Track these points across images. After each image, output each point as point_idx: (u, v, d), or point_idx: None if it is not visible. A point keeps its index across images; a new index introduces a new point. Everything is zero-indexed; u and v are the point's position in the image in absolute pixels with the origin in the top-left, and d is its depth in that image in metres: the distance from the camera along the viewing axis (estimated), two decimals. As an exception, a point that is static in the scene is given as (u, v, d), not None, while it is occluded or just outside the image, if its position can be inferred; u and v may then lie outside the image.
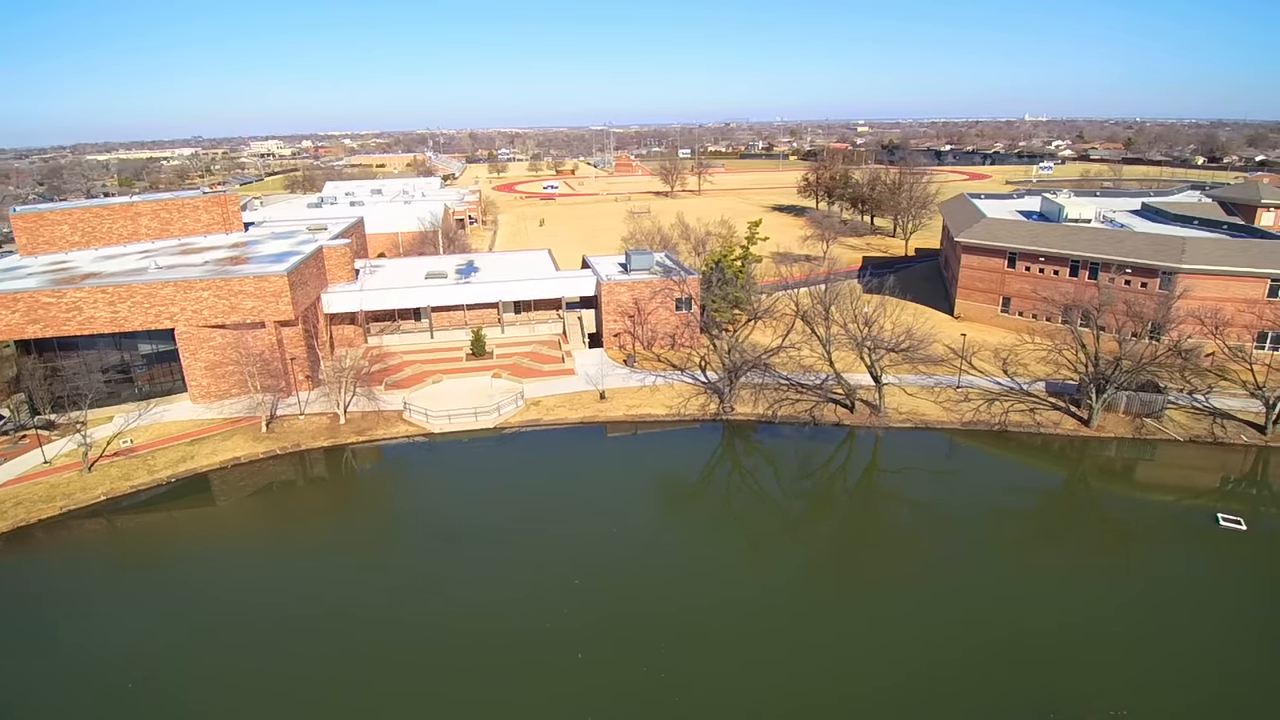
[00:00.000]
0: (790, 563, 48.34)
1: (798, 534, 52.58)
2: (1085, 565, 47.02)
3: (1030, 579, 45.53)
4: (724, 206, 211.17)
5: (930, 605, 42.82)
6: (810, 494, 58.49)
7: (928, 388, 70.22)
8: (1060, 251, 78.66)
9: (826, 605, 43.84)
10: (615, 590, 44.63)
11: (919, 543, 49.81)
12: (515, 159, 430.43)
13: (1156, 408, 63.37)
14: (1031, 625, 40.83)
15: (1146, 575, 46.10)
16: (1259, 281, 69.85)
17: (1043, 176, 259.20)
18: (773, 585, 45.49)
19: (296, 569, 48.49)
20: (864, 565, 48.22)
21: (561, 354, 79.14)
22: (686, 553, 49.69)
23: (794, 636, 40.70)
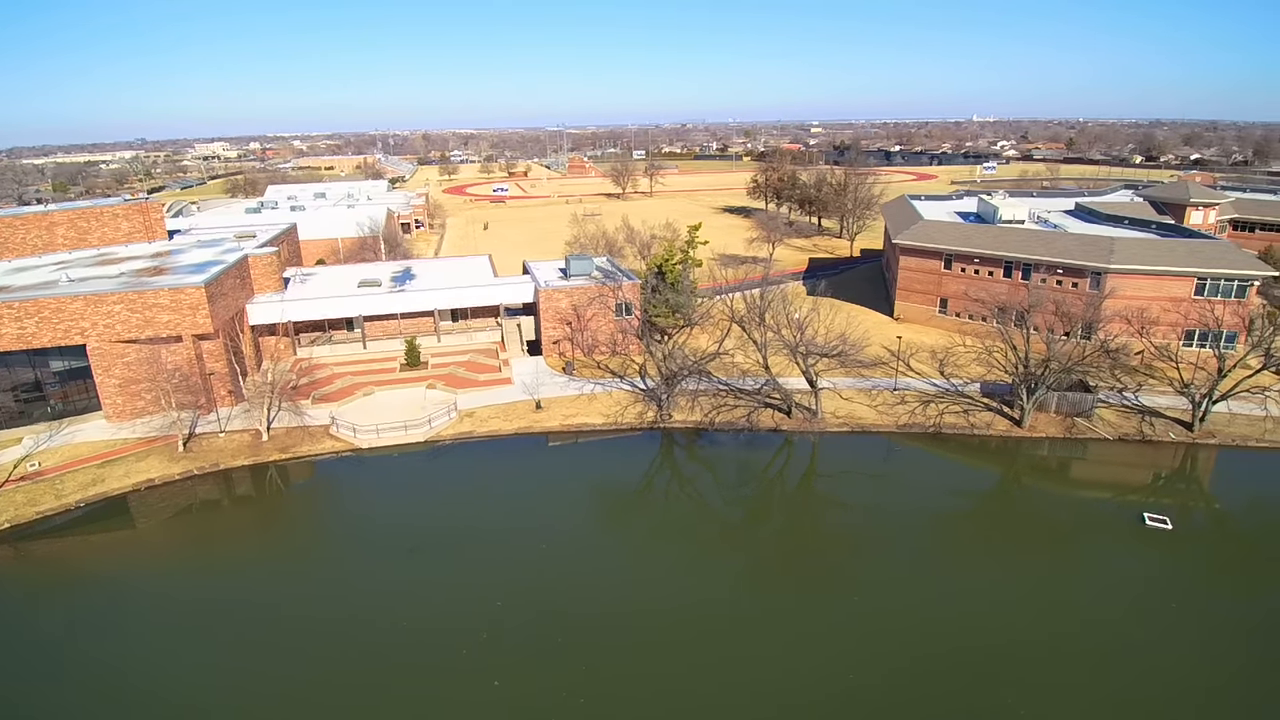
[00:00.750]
0: (730, 570, 47.65)
1: (737, 541, 51.83)
2: (1015, 567, 47.13)
3: (964, 584, 45.24)
4: (675, 208, 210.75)
5: (869, 612, 42.67)
6: (749, 500, 57.84)
7: (865, 391, 70.12)
8: (993, 253, 79.42)
9: (766, 613, 43.21)
10: (542, 605, 43.23)
11: (857, 548, 49.52)
12: (468, 161, 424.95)
13: (1086, 407, 64.10)
14: (967, 630, 40.64)
15: (1074, 577, 46.16)
16: (1185, 280, 71.21)
17: (986, 176, 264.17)
18: (712, 593, 44.86)
19: (213, 592, 46.11)
20: (803, 572, 47.70)
21: (499, 363, 77.37)
22: (622, 563, 48.75)
23: (733, 645, 40.22)
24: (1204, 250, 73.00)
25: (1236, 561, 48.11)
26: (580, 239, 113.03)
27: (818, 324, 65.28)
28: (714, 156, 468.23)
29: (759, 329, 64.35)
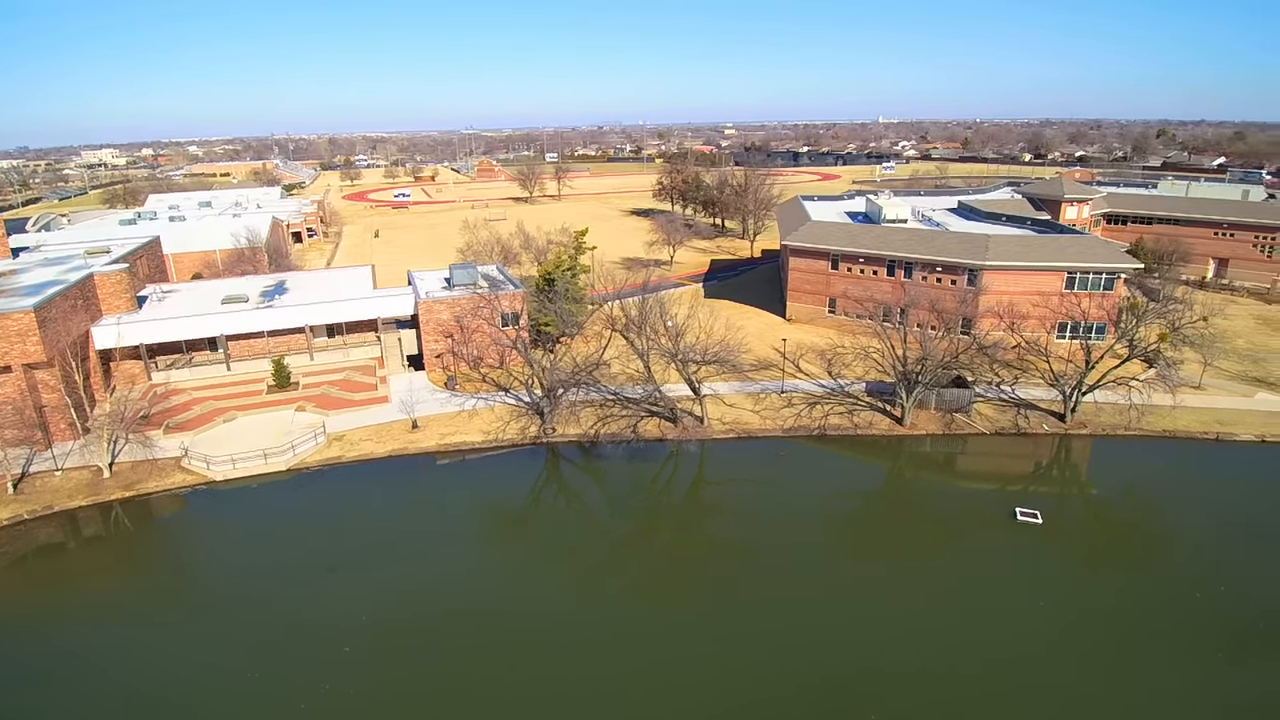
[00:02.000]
0: (618, 585, 46.27)
1: (626, 555, 50.12)
2: (895, 567, 46.81)
3: (843, 591, 44.80)
4: (582, 212, 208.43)
5: (758, 620, 42.01)
6: (637, 513, 55.99)
7: (753, 395, 69.34)
8: (876, 252, 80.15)
9: (656, 627, 42.14)
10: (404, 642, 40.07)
11: (744, 556, 48.43)
12: (375, 165, 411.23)
13: (964, 403, 64.91)
14: (842, 640, 40.17)
15: (948, 578, 45.93)
16: (1057, 275, 73.20)
17: (885, 176, 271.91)
18: (599, 610, 43.75)
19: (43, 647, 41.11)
20: (693, 583, 46.39)
21: (376, 380, 73.26)
22: (500, 586, 46.01)
23: (620, 660, 39.22)
24: (1073, 245, 75.33)
25: (1102, 553, 49.04)
26: (473, 246, 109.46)
27: (699, 329, 63.94)
28: (627, 159, 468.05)
29: (640, 336, 62.56)
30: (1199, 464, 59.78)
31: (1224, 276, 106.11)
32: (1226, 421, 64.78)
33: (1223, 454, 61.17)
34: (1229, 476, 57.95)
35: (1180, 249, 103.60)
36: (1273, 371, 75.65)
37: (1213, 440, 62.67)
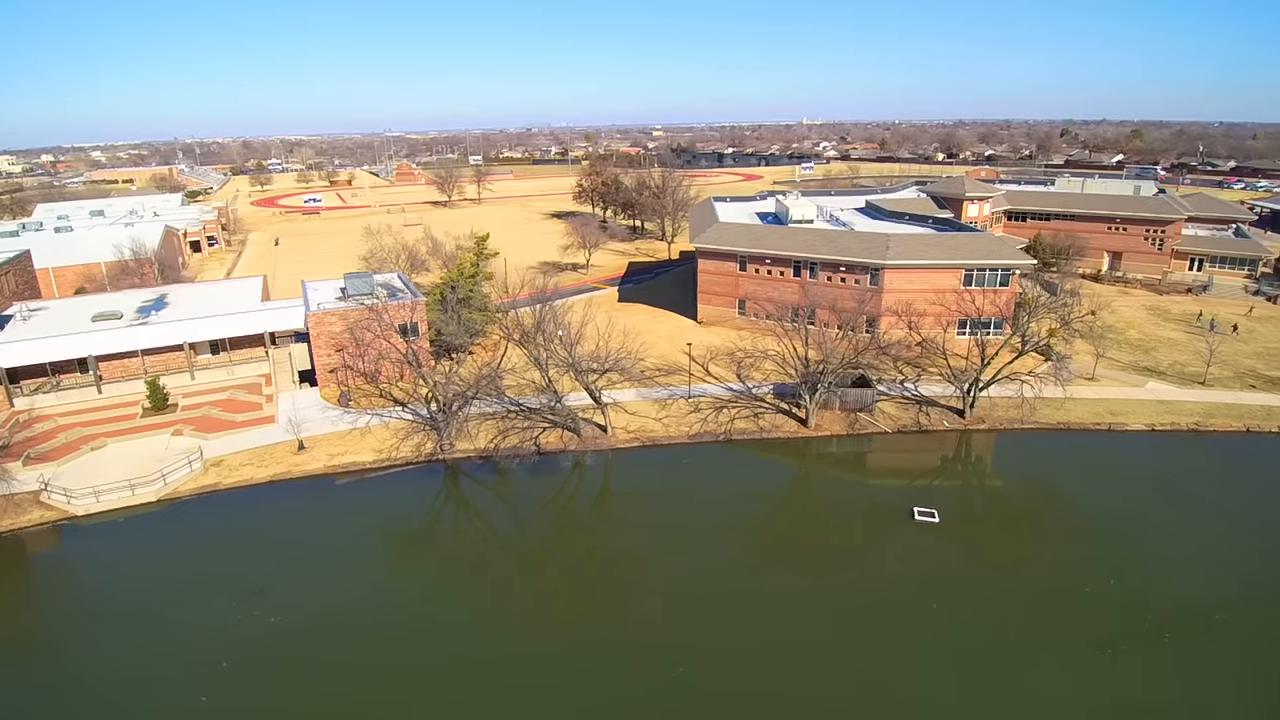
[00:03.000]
0: (521, 602, 44.52)
1: (528, 572, 48.12)
2: (793, 573, 46.32)
3: (746, 595, 44.09)
4: (503, 215, 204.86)
5: (661, 633, 41.21)
6: (539, 528, 53.95)
7: (660, 401, 68.03)
8: (781, 253, 80.00)
9: (557, 645, 40.78)
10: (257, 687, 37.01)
11: (649, 567, 47.42)
12: (290, 169, 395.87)
13: (867, 402, 65.01)
14: (743, 647, 39.58)
15: (844, 579, 45.60)
16: (955, 272, 74.23)
17: (804, 176, 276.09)
18: (501, 627, 42.07)
19: None
20: (595, 598, 45.27)
21: (263, 399, 69.07)
22: (392, 610, 43.40)
23: (522, 679, 38.05)
24: (970, 243, 76.65)
25: (997, 550, 49.33)
26: (377, 253, 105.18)
27: (598, 336, 62.23)
28: (553, 161, 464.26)
29: (537, 346, 60.39)
30: (1092, 455, 61.13)
31: (1118, 269, 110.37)
32: (1118, 412, 66.67)
33: (1115, 444, 62.82)
34: (1120, 467, 59.38)
35: (1076, 243, 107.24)
36: (1162, 360, 78.52)
37: (1105, 431, 64.35)
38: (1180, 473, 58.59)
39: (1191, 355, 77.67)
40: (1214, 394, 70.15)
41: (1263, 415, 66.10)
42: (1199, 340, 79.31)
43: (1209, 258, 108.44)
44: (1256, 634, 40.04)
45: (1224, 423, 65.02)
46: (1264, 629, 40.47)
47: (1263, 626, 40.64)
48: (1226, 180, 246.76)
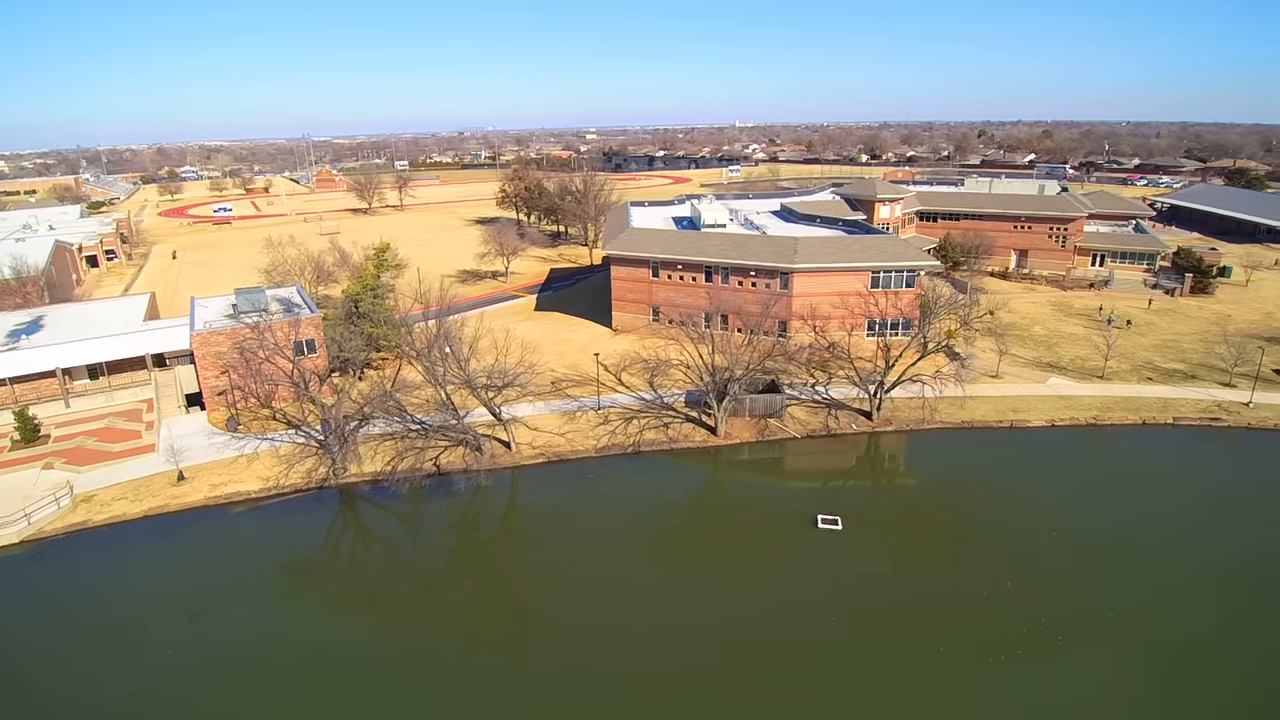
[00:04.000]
0: (423, 629, 42.75)
1: (430, 598, 46.17)
2: (696, 587, 45.30)
3: (649, 612, 43.15)
4: (425, 222, 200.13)
5: (568, 656, 40.08)
6: (441, 552, 51.92)
7: (569, 414, 66.29)
8: (693, 258, 79.23)
9: (462, 671, 39.36)
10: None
11: (555, 587, 46.04)
12: (208, 176, 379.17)
13: (777, 408, 64.57)
14: (647, 666, 38.36)
15: (745, 592, 44.56)
16: (863, 274, 74.59)
17: (731, 178, 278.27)
18: (403, 654, 40.33)
19: None
20: (505, 622, 43.59)
21: (144, 426, 64.65)
22: (283, 645, 40.77)
23: (427, 707, 37.01)
24: (876, 245, 77.23)
25: (897, 556, 48.87)
26: (280, 265, 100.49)
27: (496, 350, 60.15)
28: (483, 165, 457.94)
29: (435, 362, 57.92)
30: (994, 453, 61.97)
31: (1025, 266, 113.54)
32: (1020, 409, 67.83)
33: (1016, 441, 63.77)
34: (1020, 464, 60.28)
35: (984, 242, 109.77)
36: (1064, 355, 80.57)
37: (1007, 428, 65.34)
38: (1077, 469, 59.70)
39: (1092, 350, 79.89)
40: (1112, 388, 72.16)
41: (1158, 408, 68.18)
42: (1100, 335, 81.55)
43: (1110, 253, 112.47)
44: (1145, 631, 40.55)
45: (1120, 416, 66.81)
46: (1153, 625, 41.06)
47: (1151, 623, 41.23)
48: (1130, 177, 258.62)
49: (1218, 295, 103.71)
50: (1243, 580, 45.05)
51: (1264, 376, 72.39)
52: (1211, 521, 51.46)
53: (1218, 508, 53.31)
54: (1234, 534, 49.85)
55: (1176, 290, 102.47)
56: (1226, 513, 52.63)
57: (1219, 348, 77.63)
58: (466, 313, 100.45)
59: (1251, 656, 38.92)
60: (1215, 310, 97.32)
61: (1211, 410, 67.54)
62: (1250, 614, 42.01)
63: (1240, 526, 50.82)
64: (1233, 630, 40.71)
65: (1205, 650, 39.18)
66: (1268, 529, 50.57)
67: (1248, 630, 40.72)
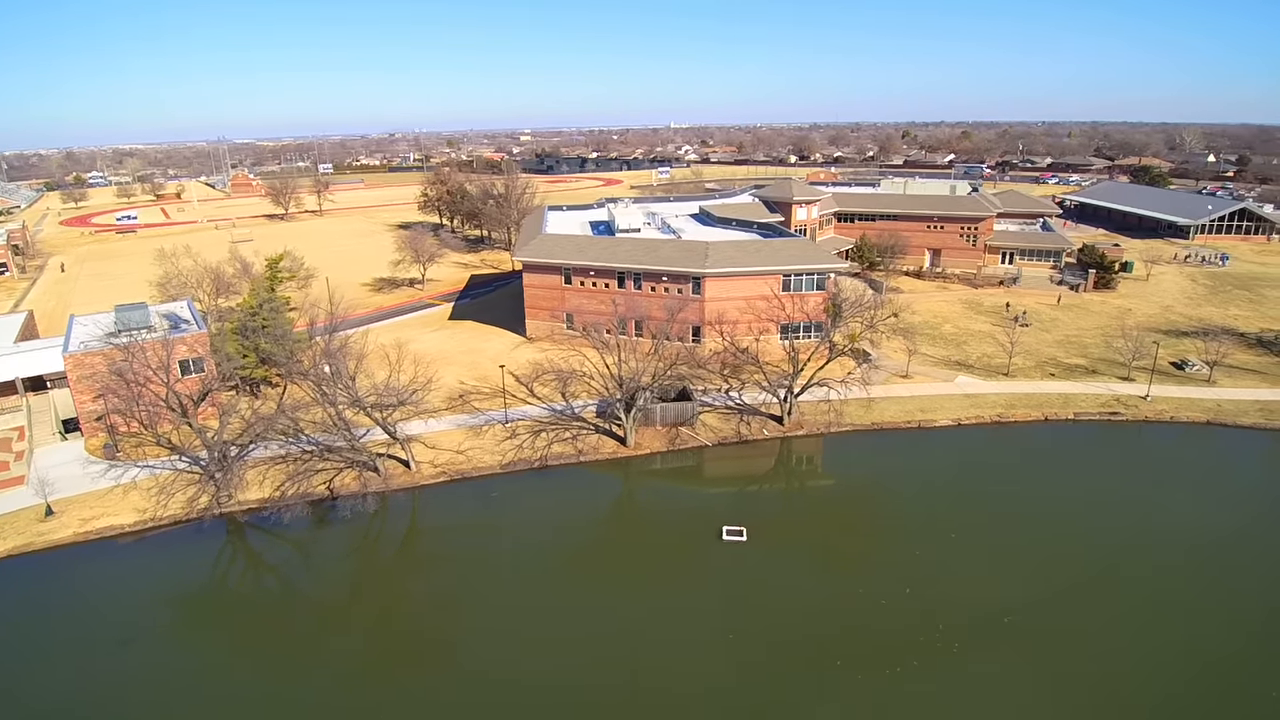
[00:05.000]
0: (319, 664, 40.46)
1: (326, 630, 43.59)
2: (592, 608, 43.97)
3: (546, 636, 41.58)
4: (345, 227, 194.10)
5: (473, 684, 38.60)
6: (337, 580, 49.18)
7: (475, 429, 64.09)
8: (605, 264, 77.89)
9: (362, 706, 37.16)
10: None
11: (453, 611, 44.41)
12: (116, 182, 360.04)
13: (688, 415, 63.68)
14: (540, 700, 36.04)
15: (643, 611, 43.30)
16: (774, 278, 74.39)
17: (660, 180, 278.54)
18: (296, 691, 38.53)
19: None
20: (408, 650, 41.60)
21: (12, 456, 59.85)
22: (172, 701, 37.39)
23: None
24: (787, 248, 77.24)
25: (799, 567, 47.98)
26: (175, 278, 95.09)
27: (389, 366, 57.66)
28: (412, 168, 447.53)
29: (328, 380, 55.09)
30: (902, 455, 62.27)
31: (938, 265, 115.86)
32: (928, 409, 68.52)
33: (924, 442, 64.29)
34: (927, 465, 60.67)
35: (899, 242, 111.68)
36: (972, 353, 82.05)
37: (915, 429, 65.88)
38: (981, 467, 60.51)
39: (999, 347, 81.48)
40: (1016, 385, 73.66)
41: (1060, 404, 69.79)
42: (1014, 332, 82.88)
43: (1019, 251, 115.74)
44: (1041, 634, 40.64)
45: (1024, 413, 68.13)
46: (1047, 626, 41.23)
47: (1047, 626, 41.37)
48: (1043, 176, 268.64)
49: (1120, 290, 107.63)
50: (1138, 574, 45.98)
51: (1161, 370, 75.00)
52: (1108, 516, 52.37)
53: (1114, 503, 54.38)
54: (1130, 528, 50.89)
55: (1080, 286, 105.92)
56: (1123, 507, 53.69)
57: (1118, 342, 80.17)
58: (377, 323, 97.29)
59: (1146, 652, 39.39)
60: (1117, 305, 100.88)
61: (1110, 405, 69.49)
62: (1144, 609, 42.74)
63: (1137, 520, 51.84)
64: (1129, 626, 41.24)
65: (1099, 649, 39.55)
66: (1162, 522, 51.83)
67: (1141, 625, 41.33)
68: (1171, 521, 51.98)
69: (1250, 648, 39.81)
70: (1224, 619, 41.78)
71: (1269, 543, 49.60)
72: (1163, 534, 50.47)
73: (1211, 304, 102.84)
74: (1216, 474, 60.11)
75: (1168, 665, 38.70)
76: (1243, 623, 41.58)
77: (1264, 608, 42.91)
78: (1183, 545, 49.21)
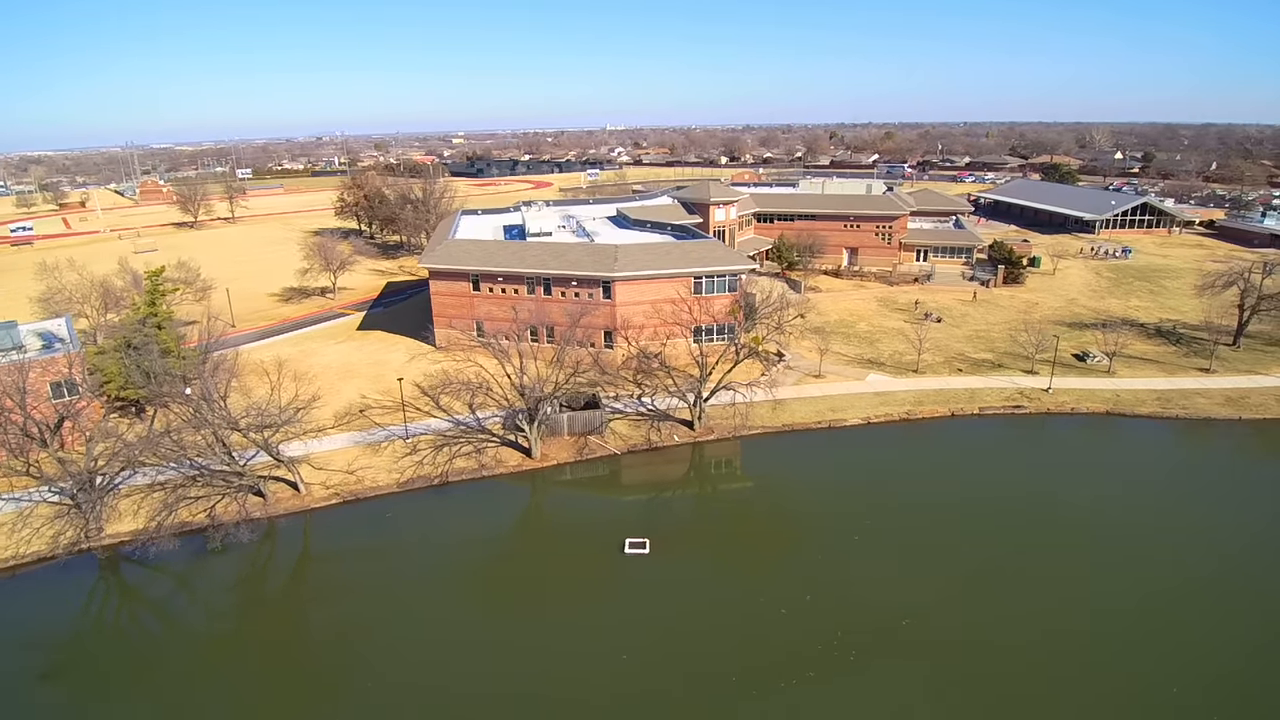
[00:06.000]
0: (214, 706, 37.72)
1: (218, 669, 40.64)
2: (488, 634, 42.00)
3: (437, 668, 39.21)
4: (258, 235, 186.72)
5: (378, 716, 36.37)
6: (219, 615, 45.84)
7: (374, 445, 61.30)
8: (513, 270, 75.84)
9: None
10: None
11: (349, 642, 41.79)
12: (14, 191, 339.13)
13: (597, 424, 62.21)
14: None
15: (539, 634, 41.53)
16: (685, 280, 73.53)
17: (590, 182, 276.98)
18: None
19: None
20: (303, 687, 39.34)
21: None
22: None
23: None
24: (698, 250, 76.54)
25: (699, 579, 46.61)
26: (58, 293, 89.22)
27: (269, 384, 54.58)
28: (336, 172, 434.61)
29: (203, 402, 51.66)
30: (811, 456, 61.99)
31: (856, 264, 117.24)
32: (838, 408, 68.55)
33: (834, 441, 64.17)
34: (835, 465, 60.62)
35: (817, 242, 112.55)
36: (884, 351, 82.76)
37: (826, 429, 65.76)
38: (887, 466, 60.46)
39: (910, 345, 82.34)
40: (925, 381, 74.45)
41: (966, 399, 70.69)
42: (922, 329, 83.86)
43: (932, 248, 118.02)
44: (937, 637, 40.28)
45: (931, 409, 68.76)
46: (944, 630, 40.86)
47: (943, 626, 41.08)
48: (960, 174, 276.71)
49: (1028, 285, 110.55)
50: (1037, 569, 46.06)
51: (1064, 362, 76.88)
52: (1009, 512, 52.60)
53: (1017, 497, 54.78)
54: (1030, 523, 51.13)
55: (990, 281, 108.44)
56: (1025, 501, 53.98)
57: (1023, 336, 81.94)
58: (280, 336, 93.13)
59: (1043, 650, 39.30)
60: (1025, 299, 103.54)
61: (1014, 398, 70.74)
62: (1043, 604, 42.71)
63: (1038, 515, 52.07)
64: (1025, 624, 41.17)
65: (993, 648, 39.53)
66: (1062, 515, 51.97)
67: (1039, 622, 41.25)
68: (1070, 514, 52.30)
69: (1150, 636, 40.12)
70: (1126, 609, 42.07)
71: (1164, 529, 50.47)
72: (1062, 527, 50.75)
73: (1114, 296, 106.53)
74: (1114, 463, 61.46)
75: (1065, 661, 38.59)
76: (1146, 612, 41.91)
77: (1164, 591, 43.62)
78: (1082, 537, 49.39)
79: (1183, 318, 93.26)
